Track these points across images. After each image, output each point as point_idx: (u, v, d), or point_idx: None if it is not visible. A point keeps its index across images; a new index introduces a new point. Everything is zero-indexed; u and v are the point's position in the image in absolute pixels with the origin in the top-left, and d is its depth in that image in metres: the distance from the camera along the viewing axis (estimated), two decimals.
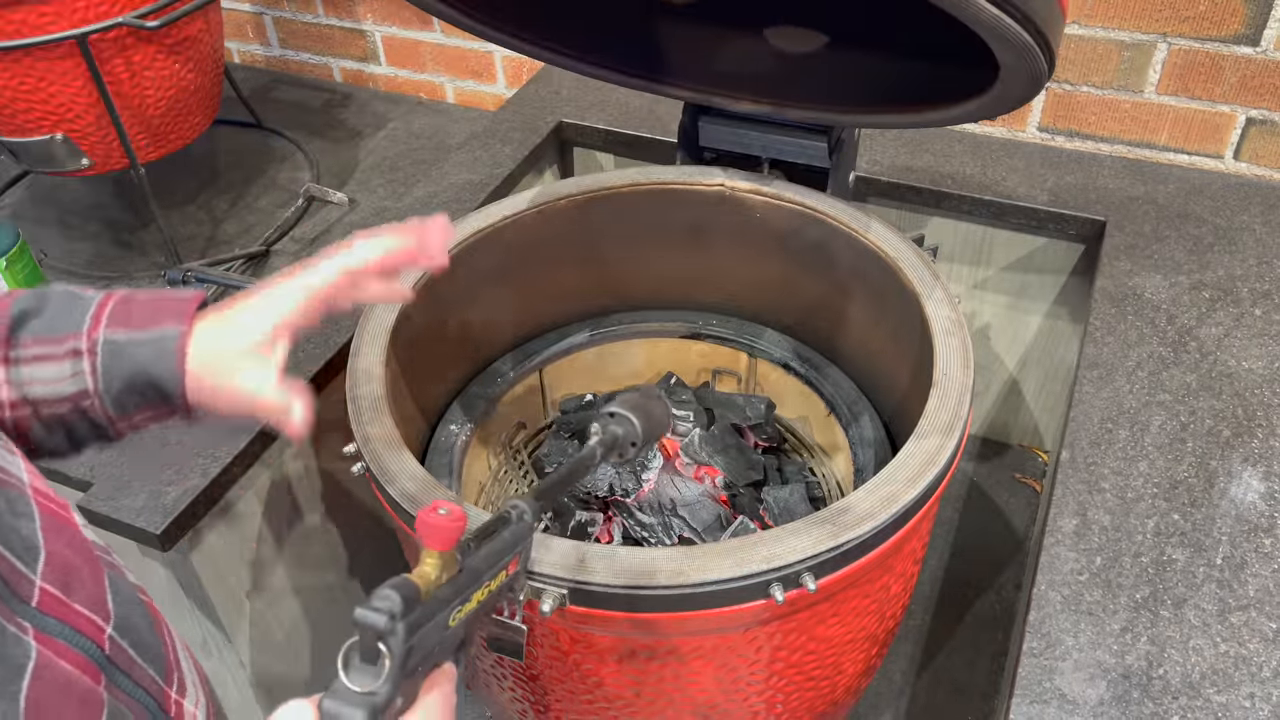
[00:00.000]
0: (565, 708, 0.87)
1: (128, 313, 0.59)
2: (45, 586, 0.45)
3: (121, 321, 0.59)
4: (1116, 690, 0.76)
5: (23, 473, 0.49)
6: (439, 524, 0.46)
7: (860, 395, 1.09)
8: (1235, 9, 1.17)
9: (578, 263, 1.14)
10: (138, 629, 0.51)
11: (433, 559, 0.47)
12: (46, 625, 0.44)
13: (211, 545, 1.01)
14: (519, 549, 0.55)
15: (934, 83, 0.90)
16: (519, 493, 1.17)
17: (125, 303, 0.60)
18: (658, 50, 1.05)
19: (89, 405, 0.58)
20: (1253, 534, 0.86)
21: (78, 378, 0.58)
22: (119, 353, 0.58)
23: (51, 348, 0.57)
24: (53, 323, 0.58)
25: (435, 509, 0.46)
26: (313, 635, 1.22)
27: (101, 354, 0.58)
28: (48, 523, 0.48)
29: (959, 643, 1.29)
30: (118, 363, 0.58)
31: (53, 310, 0.59)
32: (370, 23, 1.69)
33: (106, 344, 0.58)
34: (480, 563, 0.51)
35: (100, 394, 0.58)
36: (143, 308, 0.59)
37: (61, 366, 0.57)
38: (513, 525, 0.55)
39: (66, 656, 0.44)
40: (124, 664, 0.48)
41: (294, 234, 1.39)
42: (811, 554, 0.71)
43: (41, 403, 0.58)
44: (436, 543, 0.47)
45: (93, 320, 0.58)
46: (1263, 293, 1.10)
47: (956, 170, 1.32)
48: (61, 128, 1.20)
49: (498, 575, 0.52)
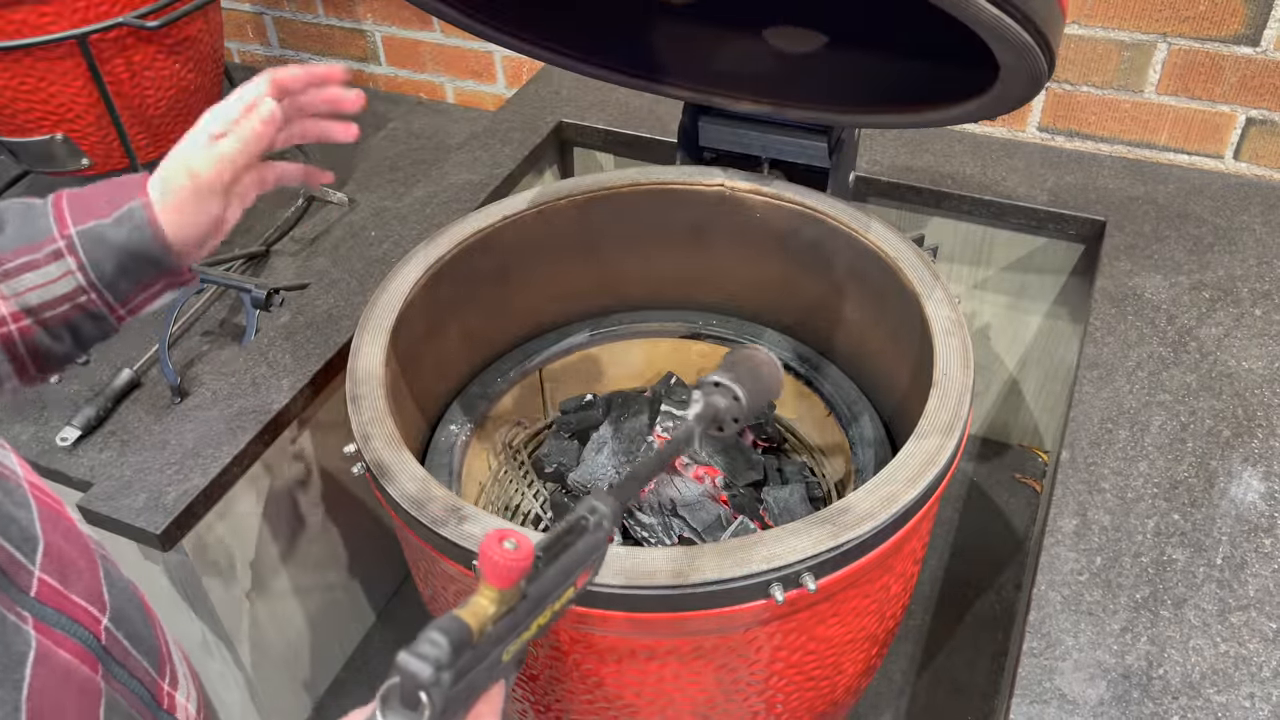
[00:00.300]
0: (565, 708, 0.87)
1: (86, 205, 0.60)
2: (44, 577, 0.45)
3: (86, 213, 0.60)
4: (1116, 690, 0.76)
5: (17, 466, 0.49)
6: (504, 561, 0.41)
7: (860, 395, 1.09)
8: (1235, 9, 1.17)
9: (578, 263, 1.14)
10: (132, 621, 0.51)
11: (491, 593, 0.42)
12: (45, 615, 0.45)
13: (211, 545, 1.01)
14: (592, 560, 0.48)
15: (934, 83, 0.90)
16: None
17: (78, 198, 0.61)
18: (658, 50, 1.05)
19: (86, 300, 0.60)
20: (1253, 534, 0.86)
21: (68, 277, 0.59)
22: (99, 240, 0.59)
23: (32, 254, 0.59)
24: (21, 231, 0.59)
25: (501, 540, 0.41)
26: (313, 635, 1.22)
27: (82, 246, 0.59)
28: (44, 514, 0.48)
29: (959, 643, 1.29)
30: (101, 248, 0.59)
31: (14, 222, 0.60)
32: (370, 23, 1.69)
33: (82, 235, 0.59)
34: (545, 587, 0.45)
35: (94, 284, 0.60)
36: (98, 196, 0.61)
37: (48, 269, 0.59)
38: (588, 534, 0.48)
39: (65, 646, 0.45)
40: (119, 655, 0.49)
41: (294, 234, 1.39)
42: (811, 554, 0.71)
43: (40, 308, 0.59)
44: (499, 580, 0.41)
45: (57, 221, 0.59)
46: (1263, 293, 1.10)
47: (956, 170, 1.32)
48: (61, 128, 1.20)
49: (565, 593, 0.46)
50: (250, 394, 1.04)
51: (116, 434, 1.06)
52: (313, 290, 1.17)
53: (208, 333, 1.25)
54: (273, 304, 1.14)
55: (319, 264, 1.31)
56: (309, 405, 1.07)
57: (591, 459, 1.10)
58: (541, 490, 1.19)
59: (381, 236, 1.26)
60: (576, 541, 0.48)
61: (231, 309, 1.28)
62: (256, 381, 1.06)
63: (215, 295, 1.29)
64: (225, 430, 1.01)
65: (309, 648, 1.22)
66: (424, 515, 0.75)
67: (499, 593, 0.42)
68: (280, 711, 1.19)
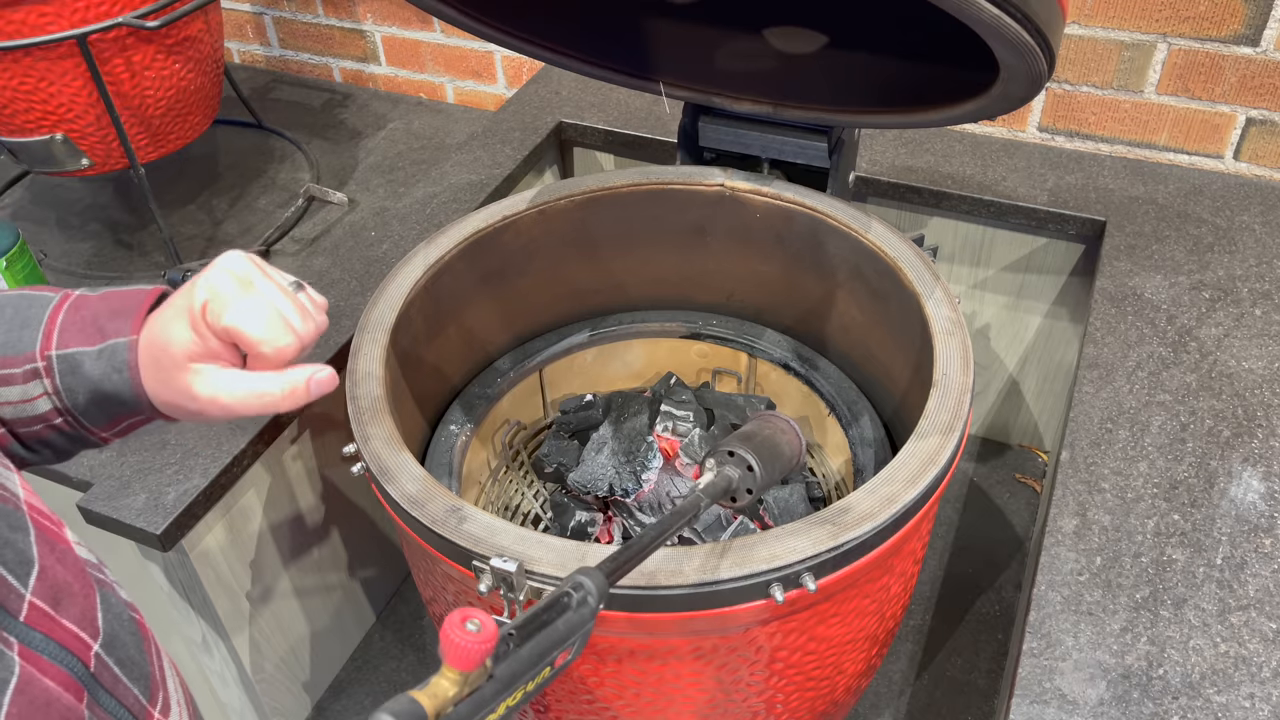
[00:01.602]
0: (565, 708, 0.87)
1: (79, 321, 0.55)
2: (35, 601, 0.44)
3: (74, 332, 0.55)
4: (1116, 690, 0.76)
5: (18, 489, 0.48)
6: (465, 644, 0.39)
7: (860, 395, 1.09)
8: (1235, 9, 1.17)
9: (578, 263, 1.14)
10: (125, 646, 0.50)
11: (452, 675, 0.39)
12: (32, 640, 0.43)
13: (211, 545, 1.01)
14: (572, 641, 0.45)
15: (934, 83, 0.90)
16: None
17: (77, 309, 0.56)
18: (658, 50, 1.05)
19: (61, 422, 0.56)
20: (1253, 534, 0.86)
21: (44, 399, 0.55)
22: (75, 369, 0.54)
23: (11, 368, 0.55)
24: (10, 336, 0.55)
25: (463, 623, 0.39)
26: (313, 635, 1.22)
27: (58, 371, 0.54)
28: (41, 538, 0.47)
29: (959, 643, 1.29)
30: (75, 379, 0.55)
31: (7, 323, 0.55)
32: (370, 23, 1.69)
33: (61, 360, 0.54)
34: (516, 668, 0.42)
35: (68, 411, 0.55)
36: (94, 313, 0.55)
37: (26, 388, 0.54)
38: (570, 613, 0.45)
39: (50, 674, 0.43)
40: (108, 682, 0.47)
41: (294, 234, 1.39)
42: (811, 554, 0.71)
43: (16, 422, 0.56)
44: (460, 663, 0.39)
45: (44, 336, 0.55)
46: (1263, 293, 1.10)
47: (956, 170, 1.32)
48: (61, 128, 1.20)
49: (540, 673, 0.43)
50: None
51: None
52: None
53: None
54: None
55: (319, 264, 1.31)
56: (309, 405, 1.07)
57: (591, 459, 1.11)
58: (541, 490, 1.19)
59: (381, 236, 1.26)
60: (556, 620, 0.45)
61: None
62: None
63: None
64: (225, 430, 1.01)
65: (309, 648, 1.22)
66: (424, 515, 0.75)
67: (460, 675, 0.40)
68: (280, 711, 1.19)
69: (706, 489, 0.60)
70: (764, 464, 0.62)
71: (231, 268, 0.54)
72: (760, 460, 0.62)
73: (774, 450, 0.63)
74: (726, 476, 0.61)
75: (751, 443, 0.63)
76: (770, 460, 0.63)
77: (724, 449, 0.62)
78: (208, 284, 0.53)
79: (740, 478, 0.61)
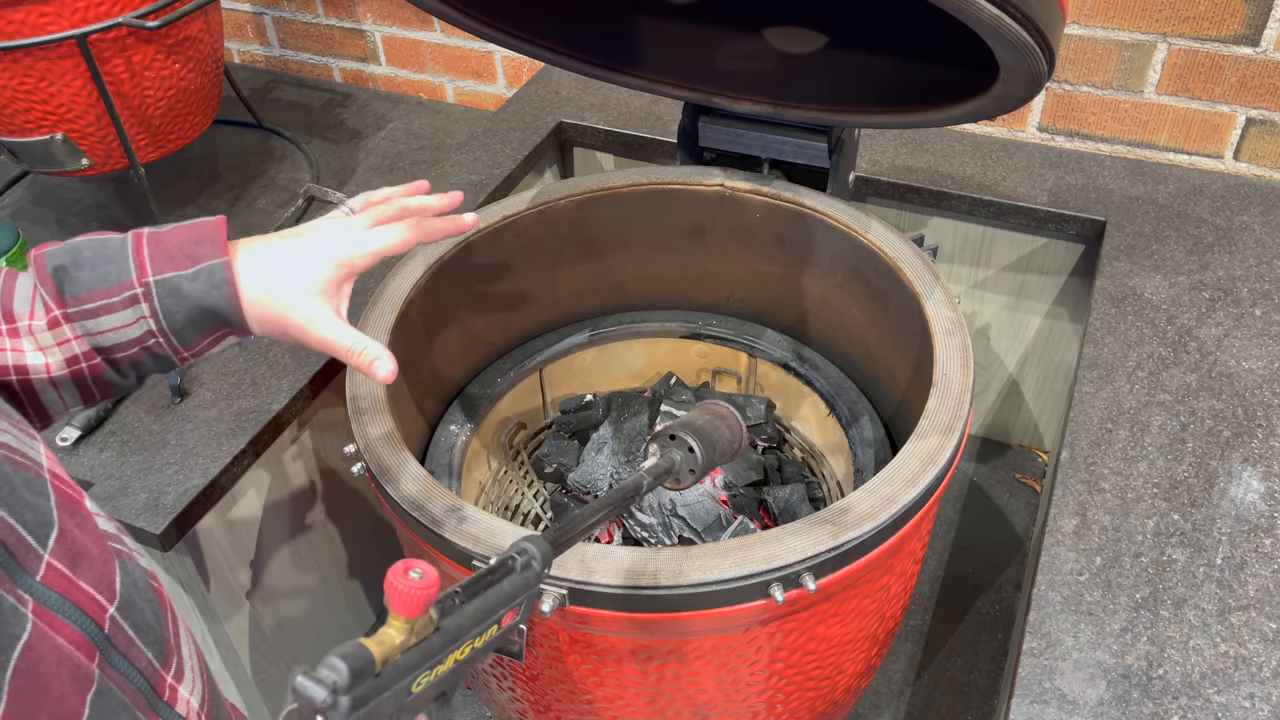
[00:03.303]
0: (565, 708, 0.87)
1: (165, 251, 0.62)
2: (53, 562, 0.46)
3: (164, 260, 0.61)
4: (1116, 690, 0.76)
5: (42, 458, 0.50)
6: (408, 590, 0.41)
7: (860, 395, 1.09)
8: (1235, 9, 1.17)
9: (578, 263, 1.14)
10: (141, 611, 0.51)
11: (399, 623, 0.42)
12: (48, 599, 0.45)
13: (211, 545, 1.01)
14: (519, 601, 0.48)
15: (934, 83, 0.90)
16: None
17: (158, 242, 0.62)
18: (658, 50, 1.05)
19: (154, 344, 0.62)
20: (1253, 534, 0.86)
21: (141, 321, 0.61)
22: (175, 291, 0.61)
23: (110, 298, 0.60)
24: (99, 272, 0.60)
25: (406, 571, 0.41)
26: (312, 635, 1.22)
27: (158, 295, 0.61)
28: (61, 503, 0.48)
29: (959, 643, 1.29)
30: (176, 300, 0.61)
31: (92, 259, 0.61)
32: (370, 23, 1.69)
33: (160, 285, 0.61)
34: (462, 622, 0.45)
35: (165, 332, 0.62)
36: (177, 243, 0.62)
37: (125, 314, 0.60)
38: (515, 575, 0.48)
39: (63, 632, 0.45)
40: (121, 644, 0.49)
41: None
42: (811, 554, 0.71)
43: (113, 349, 0.61)
44: (404, 609, 0.41)
45: (137, 266, 0.61)
46: (1263, 293, 1.10)
47: (956, 170, 1.32)
48: (61, 128, 1.20)
49: (487, 630, 0.46)
50: (250, 394, 1.05)
51: (116, 434, 1.06)
52: None
53: None
54: None
55: None
56: (309, 405, 1.07)
57: (591, 459, 1.11)
58: (541, 490, 1.19)
59: None
60: (501, 580, 0.47)
61: None
62: (256, 381, 1.06)
63: None
64: (225, 430, 1.01)
65: (309, 648, 1.22)
66: (424, 515, 0.75)
67: (407, 622, 0.42)
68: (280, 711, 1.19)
69: (650, 470, 0.63)
70: (705, 447, 0.65)
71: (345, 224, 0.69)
72: (701, 443, 0.65)
73: (715, 434, 0.66)
74: (670, 459, 0.64)
75: (692, 427, 0.66)
76: (711, 443, 0.65)
77: (667, 433, 0.65)
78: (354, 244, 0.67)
79: (682, 459, 0.64)
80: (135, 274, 0.61)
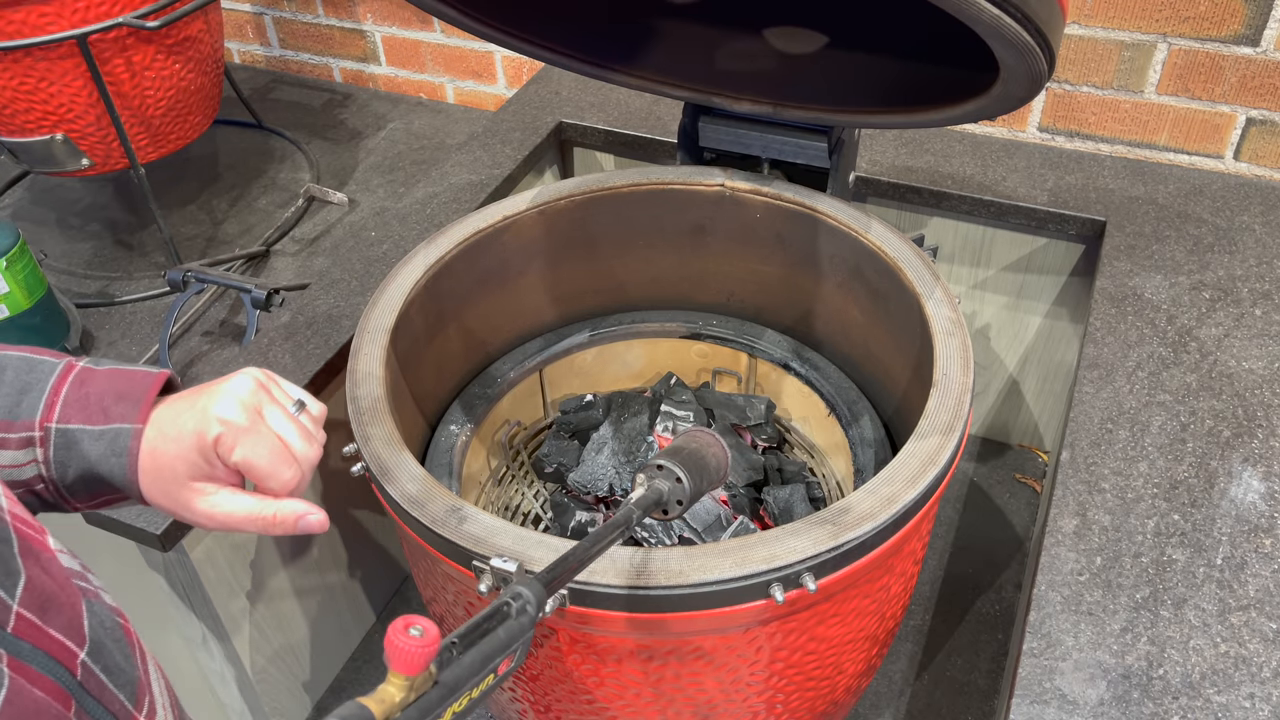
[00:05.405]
0: (565, 708, 0.87)
1: (83, 396, 0.57)
2: (22, 611, 0.44)
3: (77, 408, 0.56)
4: (1116, 690, 0.76)
5: (2, 499, 0.48)
6: (409, 647, 0.40)
7: (860, 395, 1.09)
8: (1235, 9, 1.17)
9: (578, 263, 1.14)
10: (111, 653, 0.50)
11: (399, 680, 0.41)
12: (20, 650, 0.43)
13: (211, 545, 1.01)
14: (514, 648, 0.48)
15: (934, 83, 0.90)
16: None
17: (81, 383, 0.57)
18: (658, 50, 1.05)
19: (41, 489, 0.58)
20: (1253, 534, 0.86)
21: (33, 465, 0.56)
22: (71, 445, 0.56)
23: (6, 433, 0.56)
24: (9, 400, 0.56)
25: (406, 628, 0.41)
26: (313, 635, 1.22)
27: (54, 444, 0.56)
28: (25, 547, 0.47)
29: (959, 643, 1.29)
30: (70, 454, 0.56)
31: (10, 382, 0.57)
32: (370, 23, 1.69)
33: (60, 434, 0.56)
34: (460, 674, 0.44)
35: (53, 481, 0.57)
36: (100, 391, 0.57)
37: (17, 454, 0.56)
38: (510, 621, 0.48)
39: (39, 683, 0.43)
40: (94, 689, 0.47)
41: (294, 234, 1.39)
42: (811, 554, 0.71)
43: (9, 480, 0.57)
44: (404, 667, 0.41)
45: (46, 406, 0.56)
46: (1263, 293, 1.10)
47: (956, 170, 1.32)
48: (61, 128, 1.20)
49: (484, 680, 0.46)
50: None
51: None
52: (313, 290, 1.17)
53: (208, 333, 1.25)
54: (273, 304, 1.14)
55: (319, 264, 1.31)
56: None
57: (591, 459, 1.11)
58: (541, 490, 1.19)
59: (381, 236, 1.26)
60: (497, 628, 0.47)
61: (231, 309, 1.28)
62: None
63: (215, 295, 1.29)
64: None
65: (309, 647, 1.22)
66: (424, 515, 0.75)
67: (406, 679, 0.41)
68: (280, 711, 1.19)
69: (638, 501, 0.62)
70: (692, 476, 0.64)
71: (242, 396, 0.58)
72: (688, 473, 0.64)
73: (701, 463, 0.66)
74: (657, 490, 0.63)
75: (679, 456, 0.65)
76: (698, 473, 0.65)
77: (653, 463, 0.65)
78: (221, 415, 0.57)
79: (670, 490, 0.64)
80: (41, 414, 0.56)
